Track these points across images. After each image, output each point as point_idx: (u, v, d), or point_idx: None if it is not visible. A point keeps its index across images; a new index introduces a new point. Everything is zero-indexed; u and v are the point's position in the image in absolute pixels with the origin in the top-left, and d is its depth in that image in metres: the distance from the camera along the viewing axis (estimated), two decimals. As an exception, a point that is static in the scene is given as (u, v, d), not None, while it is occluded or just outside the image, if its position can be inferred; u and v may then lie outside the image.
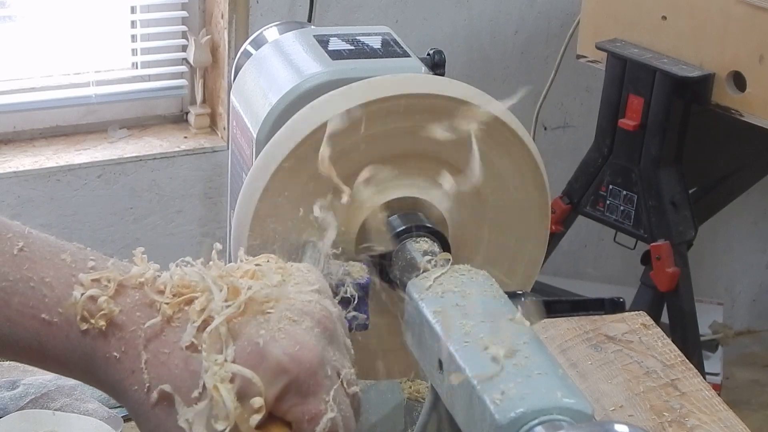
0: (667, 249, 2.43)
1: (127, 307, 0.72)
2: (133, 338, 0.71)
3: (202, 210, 2.70)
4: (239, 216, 0.93)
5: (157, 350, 0.71)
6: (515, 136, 0.95)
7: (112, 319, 0.71)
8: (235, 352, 0.70)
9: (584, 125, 2.85)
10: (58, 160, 2.55)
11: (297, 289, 0.75)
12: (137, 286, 0.73)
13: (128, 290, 0.73)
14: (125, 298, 0.72)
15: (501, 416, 0.71)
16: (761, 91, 2.26)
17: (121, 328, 0.71)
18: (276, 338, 0.71)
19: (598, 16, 2.53)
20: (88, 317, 0.71)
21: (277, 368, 0.70)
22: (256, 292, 0.72)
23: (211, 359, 0.69)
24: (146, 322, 0.71)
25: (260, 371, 0.70)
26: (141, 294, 0.73)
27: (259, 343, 0.70)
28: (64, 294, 0.72)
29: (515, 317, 0.81)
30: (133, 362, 0.71)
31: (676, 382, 1.36)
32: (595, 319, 1.46)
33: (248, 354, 0.70)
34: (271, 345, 0.70)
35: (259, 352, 0.70)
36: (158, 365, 0.70)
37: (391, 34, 1.06)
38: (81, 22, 2.58)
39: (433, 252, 0.90)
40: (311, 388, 0.71)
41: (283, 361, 0.70)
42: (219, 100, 2.69)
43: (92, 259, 0.74)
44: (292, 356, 0.70)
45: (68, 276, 0.73)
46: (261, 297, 0.71)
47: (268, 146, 0.92)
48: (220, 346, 0.70)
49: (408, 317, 0.86)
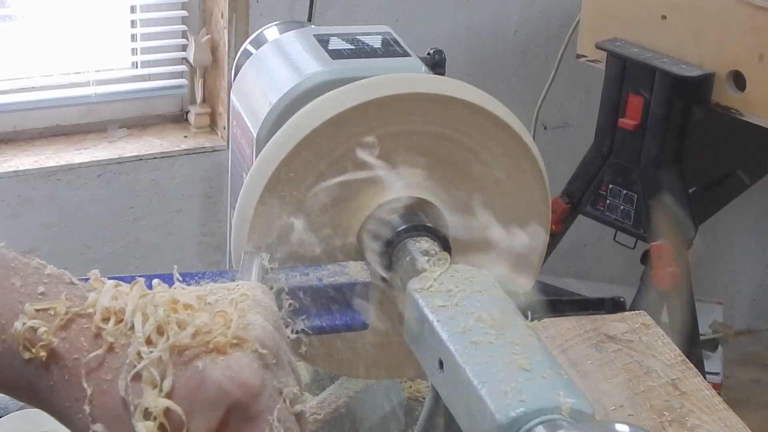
0: (666, 249, 2.43)
1: (72, 335, 0.71)
2: (75, 367, 0.70)
3: (202, 210, 2.70)
4: (239, 216, 0.93)
5: (99, 378, 0.70)
6: (515, 135, 0.95)
7: (54, 349, 0.71)
8: (173, 379, 0.69)
9: (584, 125, 2.85)
10: (58, 160, 2.55)
11: (242, 309, 0.74)
12: (87, 315, 0.72)
13: (77, 318, 0.72)
14: (72, 325, 0.71)
15: (501, 416, 0.71)
16: (761, 91, 2.26)
17: (63, 357, 0.71)
18: (216, 361, 0.70)
19: (598, 16, 2.53)
20: (29, 346, 0.71)
21: (218, 391, 0.69)
22: (178, 339, 0.70)
23: (135, 401, 0.69)
24: (90, 349, 0.70)
25: (200, 395, 0.69)
26: (89, 322, 0.72)
27: (198, 367, 0.69)
28: (8, 321, 0.71)
29: (515, 317, 0.81)
30: (77, 391, 0.70)
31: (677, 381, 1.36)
32: (595, 318, 1.46)
33: (188, 378, 0.69)
34: (210, 368, 0.69)
35: (199, 376, 0.69)
36: (101, 394, 0.70)
37: (392, 34, 1.06)
38: (81, 22, 2.58)
39: (434, 251, 0.90)
40: (254, 410, 0.70)
41: (224, 384, 0.69)
42: (219, 100, 2.69)
43: (45, 282, 0.73)
44: (232, 378, 0.69)
45: (15, 302, 0.71)
46: (182, 345, 0.70)
47: (269, 146, 0.92)
48: (154, 379, 0.69)
49: (408, 317, 0.86)
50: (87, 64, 2.60)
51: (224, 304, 0.74)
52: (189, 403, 0.69)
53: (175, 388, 0.69)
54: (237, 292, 0.76)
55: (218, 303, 0.75)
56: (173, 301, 0.73)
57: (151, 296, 0.73)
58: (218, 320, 0.72)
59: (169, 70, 2.70)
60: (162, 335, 0.71)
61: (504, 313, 0.81)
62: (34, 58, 2.57)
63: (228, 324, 0.72)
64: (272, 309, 0.77)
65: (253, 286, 0.78)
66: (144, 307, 0.72)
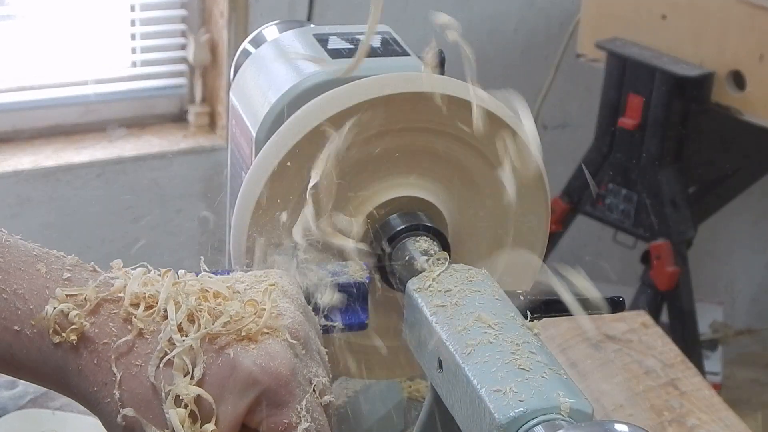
0: (666, 248, 2.43)
1: (100, 320, 0.72)
2: (105, 351, 0.71)
3: (202, 209, 2.70)
4: (239, 215, 0.93)
5: (129, 363, 0.71)
6: (515, 135, 0.95)
7: (84, 333, 0.71)
8: (204, 367, 0.70)
9: (584, 125, 2.85)
10: (58, 160, 2.55)
11: (272, 298, 0.75)
12: (114, 300, 0.73)
13: (104, 304, 0.73)
14: (101, 310, 0.72)
15: (501, 416, 0.71)
16: (761, 91, 2.26)
17: (93, 341, 0.71)
18: (247, 349, 0.71)
19: (598, 15, 2.53)
20: (59, 330, 0.71)
21: (249, 379, 0.70)
22: (210, 328, 0.71)
23: (166, 388, 0.70)
24: (119, 334, 0.71)
25: (231, 382, 0.70)
26: (116, 307, 0.72)
27: (230, 355, 0.70)
28: (36, 306, 0.72)
29: (515, 317, 0.81)
30: (106, 375, 0.71)
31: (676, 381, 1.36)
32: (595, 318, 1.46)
33: (219, 366, 0.70)
34: (241, 356, 0.70)
35: (230, 364, 0.70)
36: (130, 379, 0.71)
37: (391, 33, 1.05)
38: (80, 21, 2.58)
39: (433, 251, 0.90)
40: (283, 398, 0.71)
41: (254, 372, 0.70)
42: (218, 99, 2.69)
43: (69, 269, 0.74)
44: (263, 367, 0.70)
45: (42, 288, 0.72)
46: (214, 333, 0.71)
47: (268, 145, 0.92)
48: (185, 366, 0.70)
49: (408, 317, 0.86)
50: (86, 63, 2.60)
51: (254, 293, 0.75)
52: (219, 389, 0.70)
53: (206, 375, 0.70)
54: (266, 282, 0.77)
55: (247, 292, 0.76)
56: (204, 289, 0.74)
57: (182, 284, 0.74)
58: (249, 309, 0.73)
59: (169, 70, 2.70)
60: (192, 323, 0.72)
61: (503, 312, 0.81)
62: (34, 58, 2.56)
63: (259, 313, 0.73)
64: (301, 298, 0.79)
65: (282, 275, 0.79)
66: (176, 294, 0.73)
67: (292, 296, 0.77)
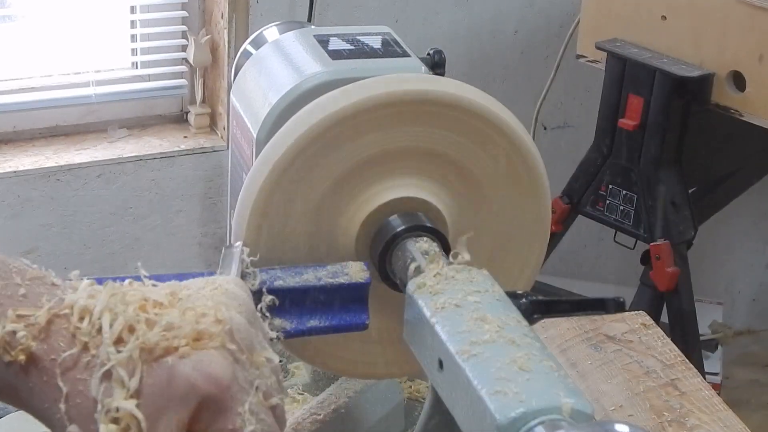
0: (666, 249, 2.43)
1: (51, 337, 0.71)
2: (52, 367, 0.71)
3: (202, 210, 2.70)
4: (239, 216, 0.93)
5: (74, 378, 0.70)
6: (515, 135, 0.95)
7: (33, 352, 0.71)
8: (142, 378, 0.69)
9: (584, 125, 2.86)
10: (58, 160, 2.55)
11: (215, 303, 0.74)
12: (65, 316, 0.72)
13: (56, 320, 0.72)
14: (51, 327, 0.72)
15: (501, 416, 0.71)
16: (761, 91, 2.26)
17: (42, 359, 0.71)
18: (184, 357, 0.70)
19: (598, 16, 2.53)
20: (9, 350, 0.71)
21: (187, 387, 0.70)
22: (146, 340, 0.71)
23: (105, 401, 0.69)
24: (67, 349, 0.71)
25: (171, 391, 0.69)
26: (66, 322, 0.72)
27: (167, 363, 0.70)
28: None
29: (515, 317, 0.81)
30: (54, 392, 0.71)
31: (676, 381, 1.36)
32: (595, 319, 1.46)
33: (157, 376, 0.70)
34: (179, 364, 0.70)
35: (168, 372, 0.70)
36: (75, 394, 0.70)
37: (391, 34, 1.06)
38: (81, 22, 2.58)
39: (434, 252, 0.90)
40: (225, 404, 0.70)
41: (193, 379, 0.70)
42: (219, 100, 2.69)
43: (27, 284, 0.74)
44: (201, 373, 0.70)
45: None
46: (151, 344, 0.71)
47: (268, 146, 0.92)
48: (123, 379, 0.69)
49: (408, 317, 0.86)
50: (87, 64, 2.60)
51: (197, 299, 0.75)
52: (159, 398, 0.69)
53: (144, 386, 0.69)
54: (211, 286, 0.76)
55: (191, 297, 0.75)
56: (143, 299, 0.73)
57: (121, 295, 0.73)
58: (188, 316, 0.72)
59: (169, 71, 2.70)
60: (133, 333, 0.71)
61: (503, 313, 0.81)
62: (34, 59, 2.57)
63: (198, 320, 0.72)
64: (247, 302, 0.77)
65: (228, 280, 0.78)
66: (114, 305, 0.72)
67: (238, 299, 0.76)
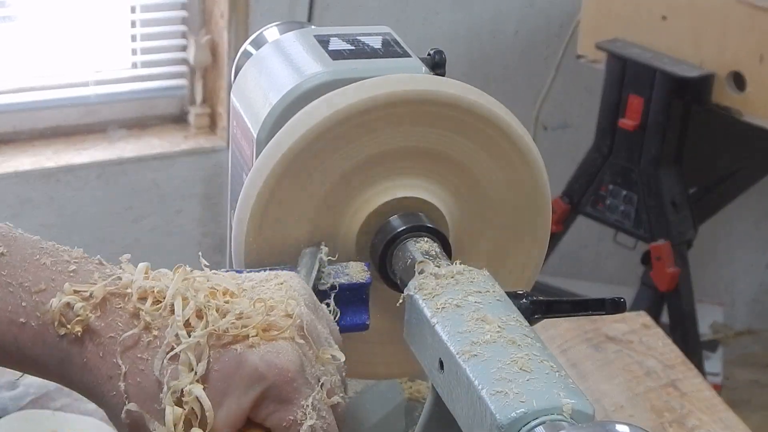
0: (667, 249, 2.43)
1: (107, 313, 0.72)
2: (111, 344, 0.71)
3: (202, 210, 2.70)
4: (239, 217, 0.93)
5: (135, 357, 0.71)
6: (515, 135, 0.95)
7: (89, 325, 0.72)
8: (209, 362, 0.70)
9: (584, 125, 2.86)
10: (58, 160, 2.55)
11: (281, 297, 0.75)
12: (121, 295, 0.73)
13: (111, 298, 0.73)
14: (107, 304, 0.72)
15: (502, 416, 0.71)
16: (761, 91, 2.26)
17: (99, 334, 0.71)
18: (253, 346, 0.71)
19: (598, 16, 2.53)
20: (65, 322, 0.71)
21: (254, 374, 0.71)
22: (217, 326, 0.71)
23: (170, 383, 0.70)
24: (125, 328, 0.71)
25: (237, 377, 0.71)
26: (123, 301, 0.73)
27: (236, 350, 0.71)
28: (42, 299, 0.72)
29: (516, 317, 0.81)
30: (111, 368, 0.71)
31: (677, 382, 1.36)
32: (595, 319, 1.46)
33: (225, 361, 0.71)
34: (248, 352, 0.71)
35: (237, 359, 0.71)
36: (136, 372, 0.71)
37: (392, 34, 1.05)
38: (81, 22, 2.58)
39: (434, 252, 0.90)
40: (288, 395, 0.72)
41: (260, 368, 0.71)
42: (219, 100, 2.69)
43: (75, 261, 0.74)
44: (269, 363, 0.71)
45: (48, 280, 0.73)
46: (221, 331, 0.71)
47: (269, 146, 0.92)
48: (190, 362, 0.70)
49: (408, 317, 0.86)
50: (87, 64, 2.60)
51: (261, 291, 0.76)
52: (225, 384, 0.70)
53: (212, 370, 0.70)
54: (275, 280, 0.77)
55: (255, 289, 0.76)
56: (213, 286, 0.74)
57: (191, 280, 0.74)
58: (258, 307, 0.73)
59: (169, 71, 2.70)
60: (201, 319, 0.72)
61: (504, 313, 0.81)
62: (34, 59, 2.57)
63: (268, 311, 0.73)
64: (312, 297, 0.79)
65: (291, 275, 0.79)
66: (185, 290, 0.73)
67: (303, 295, 0.77)
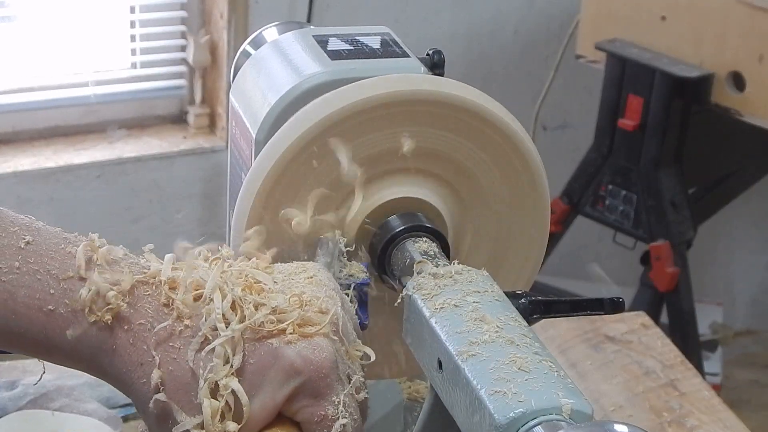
0: (666, 249, 2.43)
1: (136, 300, 0.73)
2: (141, 331, 0.72)
3: (202, 210, 2.70)
4: (238, 216, 0.93)
5: (167, 346, 0.71)
6: (515, 135, 0.95)
7: (120, 313, 0.72)
8: (245, 355, 0.71)
9: (584, 125, 2.85)
10: (58, 161, 2.55)
11: (313, 292, 0.76)
12: (148, 283, 0.73)
13: (139, 285, 0.73)
14: (135, 292, 0.73)
15: (500, 416, 0.71)
16: (761, 91, 2.26)
17: (129, 321, 0.72)
18: (289, 341, 0.72)
19: (598, 16, 2.53)
20: (95, 309, 0.72)
21: (290, 369, 0.71)
22: (254, 320, 0.72)
23: (205, 375, 0.70)
24: (155, 315, 0.72)
25: (273, 371, 0.71)
26: (150, 289, 0.73)
27: (272, 344, 0.71)
28: (70, 286, 0.72)
29: (515, 317, 0.81)
30: (141, 355, 0.72)
31: (676, 382, 1.36)
32: (594, 319, 1.46)
33: (261, 354, 0.71)
34: (284, 347, 0.72)
35: (273, 353, 0.71)
36: (168, 361, 0.71)
37: (391, 34, 1.05)
38: (80, 22, 2.58)
39: (433, 252, 0.90)
40: (322, 391, 0.72)
41: (296, 363, 0.71)
42: (218, 100, 2.69)
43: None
44: (305, 358, 0.72)
45: (75, 268, 0.73)
46: (257, 326, 0.72)
47: (268, 146, 0.92)
48: (226, 355, 0.71)
49: (407, 317, 0.86)
50: (86, 64, 2.60)
51: (293, 284, 0.76)
52: (260, 377, 0.71)
53: (247, 363, 0.71)
54: (304, 274, 0.77)
55: (284, 283, 0.77)
56: (249, 280, 0.75)
57: (228, 273, 0.74)
58: (293, 302, 0.74)
59: (169, 71, 2.70)
60: (235, 311, 0.72)
61: (503, 313, 0.81)
62: (34, 59, 2.56)
63: (303, 306, 0.74)
64: (339, 291, 0.80)
65: (318, 268, 0.80)
66: (222, 283, 0.73)
67: (331, 288, 0.78)
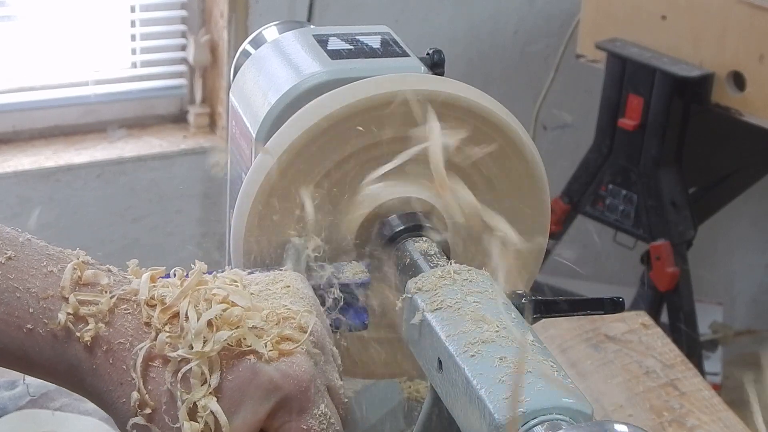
0: (666, 249, 2.43)
1: (115, 319, 0.72)
2: (121, 350, 0.71)
3: (202, 210, 2.70)
4: (238, 216, 0.93)
5: (147, 365, 0.71)
6: (514, 135, 0.95)
7: (99, 333, 0.72)
8: (223, 373, 0.70)
9: (584, 125, 2.85)
10: (58, 160, 2.55)
11: (290, 303, 0.75)
12: (128, 300, 0.73)
13: (118, 303, 0.73)
14: (115, 310, 0.72)
15: (500, 416, 0.71)
16: (761, 91, 2.26)
17: (108, 341, 0.71)
18: (270, 359, 0.72)
19: (598, 16, 2.53)
20: (74, 330, 0.71)
21: (270, 385, 0.71)
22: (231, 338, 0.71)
23: (183, 396, 0.70)
24: (135, 335, 0.71)
25: (252, 387, 0.71)
26: (130, 307, 0.73)
27: (250, 360, 0.71)
28: (50, 306, 0.72)
29: (515, 317, 0.81)
30: (121, 375, 0.71)
31: (676, 381, 1.36)
32: (594, 319, 1.46)
33: (240, 371, 0.71)
34: (263, 363, 0.71)
35: (252, 369, 0.71)
36: (147, 381, 0.71)
37: (391, 34, 1.05)
38: (80, 22, 2.58)
39: (432, 252, 0.90)
40: (303, 405, 0.72)
41: (275, 378, 0.71)
42: (218, 100, 2.69)
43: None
44: (284, 373, 0.71)
45: (55, 287, 0.72)
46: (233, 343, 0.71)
47: (267, 146, 0.92)
48: (204, 375, 0.70)
49: (407, 317, 0.86)
50: (86, 64, 2.60)
51: (268, 295, 0.76)
52: (239, 393, 0.70)
53: (226, 380, 0.71)
54: (281, 284, 0.77)
55: (261, 294, 0.76)
56: (226, 298, 0.74)
57: (204, 291, 0.74)
58: (271, 319, 0.73)
59: (169, 70, 2.70)
60: (212, 328, 0.71)
61: (503, 313, 0.81)
62: (33, 59, 2.56)
63: (281, 323, 0.73)
64: (314, 300, 0.79)
65: (294, 277, 0.79)
66: (197, 301, 0.73)
67: (307, 299, 0.77)
